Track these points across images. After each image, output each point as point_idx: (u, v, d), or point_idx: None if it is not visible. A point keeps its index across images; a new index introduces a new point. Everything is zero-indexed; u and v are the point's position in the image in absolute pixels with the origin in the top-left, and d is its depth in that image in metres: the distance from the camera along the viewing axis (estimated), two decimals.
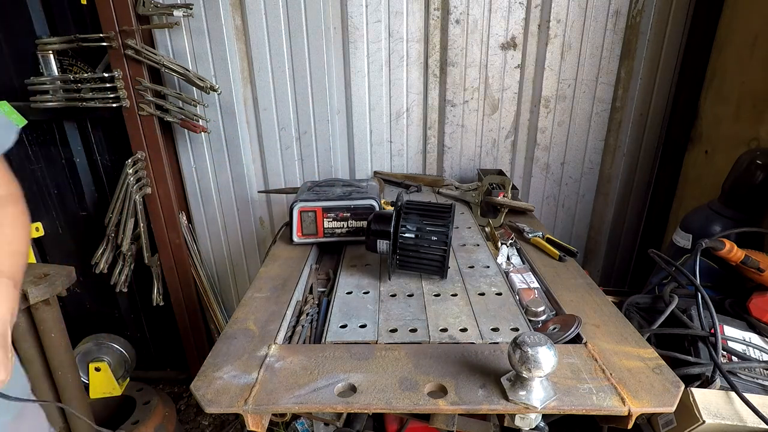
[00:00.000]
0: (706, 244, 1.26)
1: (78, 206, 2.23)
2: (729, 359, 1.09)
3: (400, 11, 1.92)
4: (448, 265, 1.19)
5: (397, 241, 1.18)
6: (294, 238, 1.46)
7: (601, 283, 1.94)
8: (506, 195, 1.67)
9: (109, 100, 1.90)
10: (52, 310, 1.47)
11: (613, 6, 1.88)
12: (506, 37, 1.96)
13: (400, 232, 1.18)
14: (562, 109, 2.06)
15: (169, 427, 1.98)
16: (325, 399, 0.81)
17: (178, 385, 2.64)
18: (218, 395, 0.81)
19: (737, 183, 1.47)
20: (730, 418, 0.95)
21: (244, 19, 1.94)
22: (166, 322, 2.46)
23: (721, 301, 1.31)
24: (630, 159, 2.13)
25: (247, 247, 2.39)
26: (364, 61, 2.00)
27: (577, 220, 2.28)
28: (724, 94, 1.79)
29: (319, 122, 2.10)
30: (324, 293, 1.27)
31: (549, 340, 0.75)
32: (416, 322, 1.06)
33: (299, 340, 1.04)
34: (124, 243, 2.08)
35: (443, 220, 1.18)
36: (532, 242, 1.48)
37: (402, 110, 2.09)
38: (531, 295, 1.18)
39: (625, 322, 1.04)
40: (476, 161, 2.17)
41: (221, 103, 2.06)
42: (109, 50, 1.86)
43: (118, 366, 2.02)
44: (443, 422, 0.89)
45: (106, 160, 2.16)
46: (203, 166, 2.20)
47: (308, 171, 2.20)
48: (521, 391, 0.79)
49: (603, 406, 0.78)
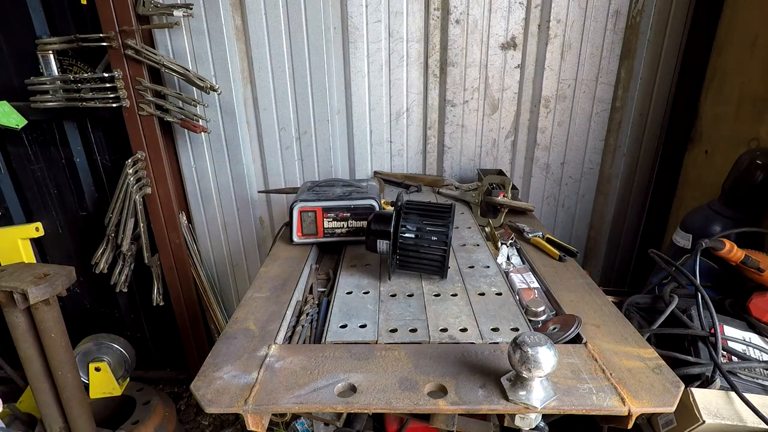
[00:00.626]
0: (706, 244, 1.26)
1: (78, 206, 2.23)
2: (729, 359, 1.09)
3: (400, 11, 1.92)
4: (448, 265, 1.19)
5: (397, 241, 1.18)
6: (294, 238, 1.46)
7: (601, 283, 1.94)
8: (506, 195, 1.67)
9: (109, 100, 1.89)
10: (52, 310, 1.48)
11: (613, 6, 1.88)
12: (506, 37, 1.96)
13: (400, 232, 1.18)
14: (562, 109, 2.06)
15: (169, 427, 1.98)
16: (325, 399, 0.81)
17: (178, 385, 2.64)
18: (218, 395, 0.81)
19: (737, 183, 1.47)
20: (730, 418, 0.95)
21: (244, 19, 1.94)
22: (166, 322, 2.46)
23: (721, 301, 1.31)
24: (630, 159, 2.13)
25: (247, 247, 2.39)
26: (364, 61, 2.00)
27: (577, 220, 2.28)
28: (724, 94, 1.79)
29: (319, 122, 2.10)
30: (324, 293, 1.27)
31: (549, 340, 0.75)
32: (416, 322, 1.06)
33: (299, 340, 1.04)
34: (124, 243, 2.08)
35: (443, 220, 1.18)
36: (532, 242, 1.48)
37: (402, 110, 2.09)
38: (531, 295, 1.18)
39: (625, 322, 1.04)
40: (476, 161, 2.17)
41: (221, 103, 2.06)
42: (109, 50, 1.86)
43: (118, 366, 2.02)
44: (443, 422, 0.89)
45: (106, 160, 2.16)
46: (203, 166, 2.20)
47: (308, 171, 2.20)
48: (521, 391, 0.79)
49: (603, 406, 0.78)
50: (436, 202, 1.31)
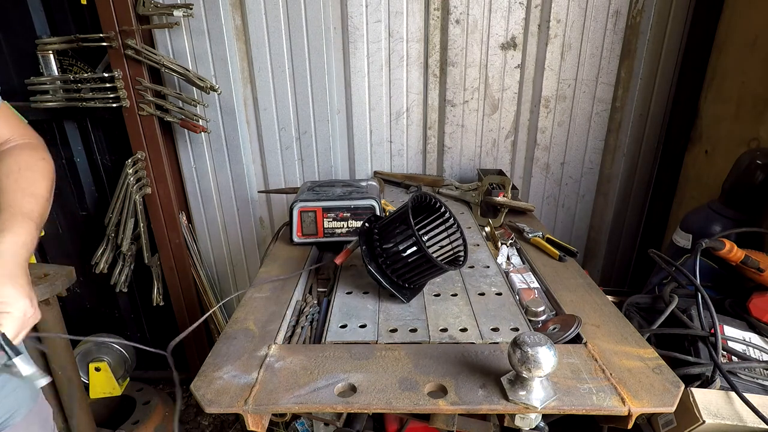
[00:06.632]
0: (706, 244, 1.26)
1: (78, 206, 2.23)
2: (729, 359, 1.09)
3: (400, 11, 1.92)
4: (447, 267, 1.10)
5: (390, 279, 1.10)
6: (294, 238, 1.46)
7: (601, 283, 1.94)
8: (506, 195, 1.67)
9: (109, 100, 1.89)
10: (52, 310, 1.47)
11: (613, 6, 1.88)
12: (506, 37, 1.96)
13: (384, 269, 1.10)
14: (562, 109, 2.06)
15: (169, 427, 1.98)
16: (325, 399, 0.81)
17: None
18: (218, 395, 0.81)
19: (737, 183, 1.47)
20: (730, 418, 0.95)
21: (244, 19, 1.94)
22: (166, 322, 2.46)
23: (721, 301, 1.31)
24: (630, 159, 2.13)
25: (247, 247, 2.39)
26: (364, 61, 2.00)
27: (577, 220, 2.28)
28: (724, 94, 1.79)
29: (319, 122, 2.10)
30: (324, 293, 1.27)
31: (549, 340, 0.75)
32: (416, 322, 1.06)
33: (299, 340, 1.04)
34: (124, 243, 2.08)
35: (405, 225, 1.06)
36: (532, 242, 1.48)
37: (402, 110, 2.09)
38: (531, 295, 1.18)
39: (625, 322, 1.04)
40: (476, 161, 2.17)
41: (221, 103, 2.06)
42: (109, 50, 1.86)
43: (118, 366, 2.02)
44: (443, 422, 0.89)
45: (106, 160, 2.16)
46: (203, 166, 2.20)
47: (308, 171, 2.20)
48: (521, 391, 0.79)
49: (603, 406, 0.78)
50: (395, 210, 1.18)
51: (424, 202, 1.17)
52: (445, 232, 1.21)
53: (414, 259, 1.07)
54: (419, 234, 1.03)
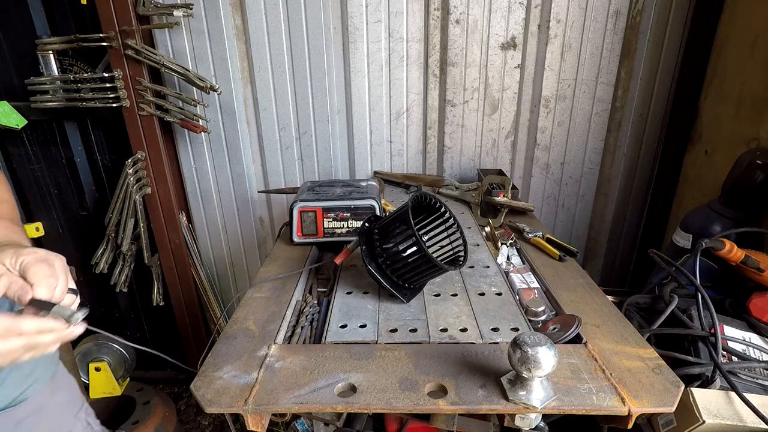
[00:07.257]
0: (706, 244, 1.26)
1: (78, 206, 2.23)
2: (729, 359, 1.09)
3: (400, 11, 1.92)
4: (447, 267, 1.10)
5: (390, 279, 1.10)
6: (294, 238, 1.46)
7: (601, 283, 1.94)
8: (506, 195, 1.67)
9: (109, 100, 1.89)
10: None
11: (613, 6, 1.88)
12: (506, 37, 1.96)
13: (384, 269, 1.10)
14: (562, 109, 2.06)
15: (169, 427, 1.98)
16: (325, 399, 0.81)
17: (178, 385, 2.63)
18: (218, 395, 0.81)
19: (737, 183, 1.47)
20: (730, 418, 0.95)
21: (244, 19, 1.94)
22: (166, 322, 2.46)
23: (721, 301, 1.31)
24: (630, 159, 2.13)
25: (247, 247, 2.39)
26: (364, 61, 2.00)
27: (577, 220, 2.28)
28: (724, 94, 1.79)
29: (319, 122, 2.10)
30: (324, 293, 1.27)
31: (549, 340, 0.75)
32: (416, 322, 1.06)
33: (299, 340, 1.04)
34: (124, 243, 2.08)
35: (405, 225, 1.06)
36: (532, 242, 1.48)
37: (402, 110, 2.09)
38: (531, 295, 1.18)
39: (625, 322, 1.04)
40: (476, 161, 2.17)
41: (221, 103, 2.06)
42: (109, 50, 1.86)
43: (118, 366, 2.02)
44: (443, 422, 0.89)
45: (107, 160, 2.16)
46: (203, 166, 2.20)
47: (308, 171, 2.20)
48: (521, 391, 0.79)
49: (603, 406, 0.78)
50: (394, 210, 1.16)
51: (424, 202, 1.17)
52: (445, 232, 1.21)
53: (414, 259, 1.08)
54: (419, 234, 1.04)
